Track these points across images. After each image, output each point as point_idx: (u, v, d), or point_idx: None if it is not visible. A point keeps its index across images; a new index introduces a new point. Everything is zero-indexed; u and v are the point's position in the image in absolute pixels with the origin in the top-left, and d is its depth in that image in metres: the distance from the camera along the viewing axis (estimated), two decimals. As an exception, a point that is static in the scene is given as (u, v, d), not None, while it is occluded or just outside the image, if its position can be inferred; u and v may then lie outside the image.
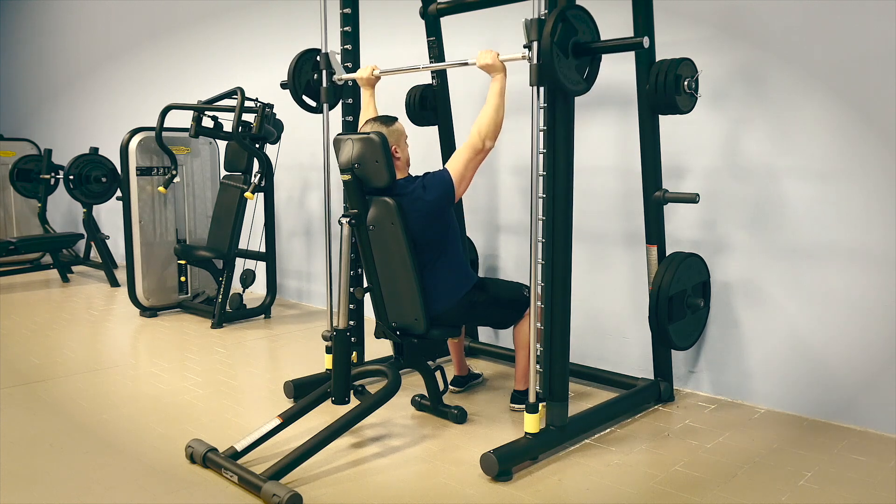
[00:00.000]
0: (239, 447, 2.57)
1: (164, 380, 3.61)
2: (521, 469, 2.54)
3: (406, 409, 3.14)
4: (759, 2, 3.03)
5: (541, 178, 2.57)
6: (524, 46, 2.48)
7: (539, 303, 2.62)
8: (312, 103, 3.42)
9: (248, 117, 4.75)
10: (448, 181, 2.78)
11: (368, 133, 2.76)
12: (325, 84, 3.24)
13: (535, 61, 2.45)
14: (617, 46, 2.55)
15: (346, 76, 3.24)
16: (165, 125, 4.80)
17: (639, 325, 3.48)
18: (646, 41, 2.49)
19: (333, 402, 2.76)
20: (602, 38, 2.57)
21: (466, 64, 2.81)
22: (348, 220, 2.82)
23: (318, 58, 3.30)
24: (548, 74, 2.43)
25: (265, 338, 4.51)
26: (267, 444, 2.64)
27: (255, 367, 3.92)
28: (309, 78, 3.38)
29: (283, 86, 3.40)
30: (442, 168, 2.84)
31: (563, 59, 2.46)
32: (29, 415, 3.13)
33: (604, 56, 2.64)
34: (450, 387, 3.35)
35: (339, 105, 3.38)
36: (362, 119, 3.16)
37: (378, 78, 3.14)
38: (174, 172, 5.00)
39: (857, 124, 2.84)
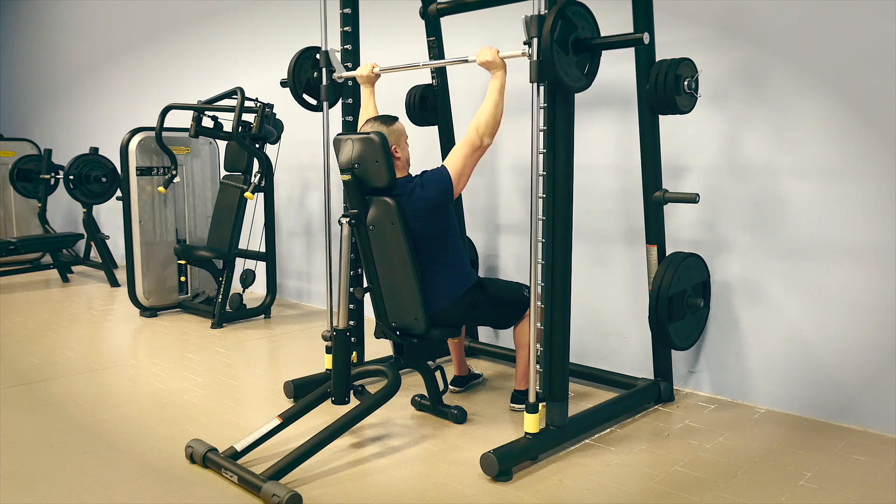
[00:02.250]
0: (239, 447, 2.57)
1: (164, 380, 3.61)
2: (521, 469, 2.54)
3: (406, 409, 3.14)
4: (758, 2, 3.03)
5: (541, 178, 2.57)
6: (524, 43, 2.48)
7: (539, 303, 2.62)
8: (312, 101, 3.42)
9: (248, 117, 4.75)
10: (446, 178, 2.78)
11: (368, 133, 2.76)
12: (325, 82, 3.24)
13: (535, 58, 2.45)
14: (617, 43, 2.56)
15: (346, 74, 3.24)
16: (165, 125, 4.80)
17: (639, 325, 3.48)
18: (646, 37, 2.50)
19: (333, 402, 2.76)
20: (601, 34, 2.58)
21: (467, 61, 2.81)
22: (348, 220, 2.82)
23: (317, 55, 3.30)
24: (548, 71, 2.43)
25: (265, 338, 4.51)
26: (267, 444, 2.64)
27: (255, 367, 3.92)
28: (309, 76, 3.38)
29: (283, 84, 3.40)
30: (440, 165, 2.84)
31: (563, 55, 2.46)
32: (29, 415, 3.13)
33: (604, 56, 2.64)
34: (450, 387, 3.35)
35: (339, 104, 3.38)
36: (362, 117, 3.16)
37: (378, 76, 3.14)
38: (174, 172, 5.00)
39: (857, 124, 2.84)
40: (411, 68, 3.18)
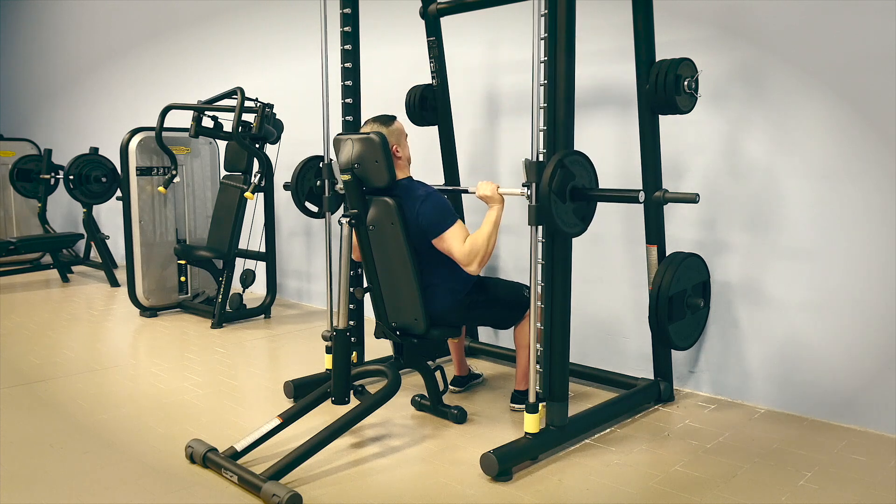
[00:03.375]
0: (239, 447, 2.57)
1: (164, 380, 3.61)
2: (521, 469, 2.54)
3: (406, 409, 3.14)
4: (758, 2, 3.03)
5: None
6: (523, 185, 2.52)
7: (539, 303, 2.62)
8: (314, 209, 3.56)
9: (248, 117, 4.75)
10: (446, 222, 2.77)
11: (368, 133, 2.76)
12: (327, 193, 3.27)
13: (533, 202, 2.49)
14: (613, 197, 2.68)
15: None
16: (165, 125, 4.80)
17: (639, 325, 3.48)
18: (641, 195, 2.54)
19: (333, 402, 2.76)
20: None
21: (466, 192, 2.92)
22: (348, 220, 2.83)
23: (321, 165, 3.38)
24: (545, 216, 2.48)
25: (265, 338, 4.51)
26: (267, 444, 2.64)
27: (255, 367, 3.92)
28: (311, 185, 3.53)
29: (286, 187, 3.56)
30: (454, 216, 2.80)
31: (561, 203, 2.50)
32: (29, 415, 3.13)
33: (603, 56, 2.64)
34: (450, 387, 3.35)
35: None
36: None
37: None
38: (174, 172, 5.00)
39: (857, 124, 2.84)
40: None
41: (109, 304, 5.57)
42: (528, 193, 2.50)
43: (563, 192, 2.50)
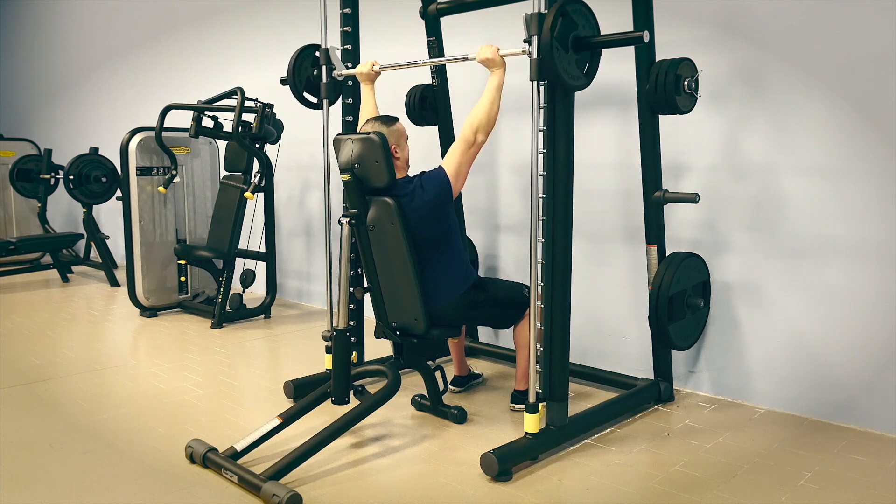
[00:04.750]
0: (239, 447, 2.57)
1: (164, 380, 3.61)
2: (521, 469, 2.54)
3: (406, 409, 3.14)
4: (758, 2, 3.03)
5: (541, 178, 2.57)
6: (524, 41, 2.48)
7: (539, 303, 2.62)
8: (313, 99, 3.43)
9: (248, 117, 4.75)
10: (444, 178, 2.78)
11: (368, 133, 2.76)
12: (325, 80, 3.24)
13: (535, 56, 2.45)
14: (617, 41, 2.56)
15: (346, 72, 3.24)
16: (165, 125, 4.80)
17: (639, 325, 3.48)
18: (646, 35, 2.49)
19: (333, 402, 2.76)
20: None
21: (467, 58, 2.80)
22: (348, 220, 2.82)
23: (317, 53, 3.31)
24: (548, 69, 2.43)
25: (265, 338, 4.51)
26: (267, 444, 2.64)
27: (255, 367, 3.92)
28: (309, 74, 3.39)
29: (283, 81, 3.41)
30: (438, 167, 2.84)
31: (563, 53, 2.46)
32: (29, 415, 3.13)
33: (603, 56, 2.64)
34: (450, 387, 3.35)
35: (339, 102, 3.38)
36: (362, 115, 3.16)
37: (378, 73, 3.14)
38: (174, 172, 5.00)
39: (857, 124, 2.84)
40: (412, 66, 3.18)
41: (109, 304, 5.57)
42: (530, 50, 2.47)
43: (565, 42, 2.46)
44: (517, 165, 4.01)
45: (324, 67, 3.24)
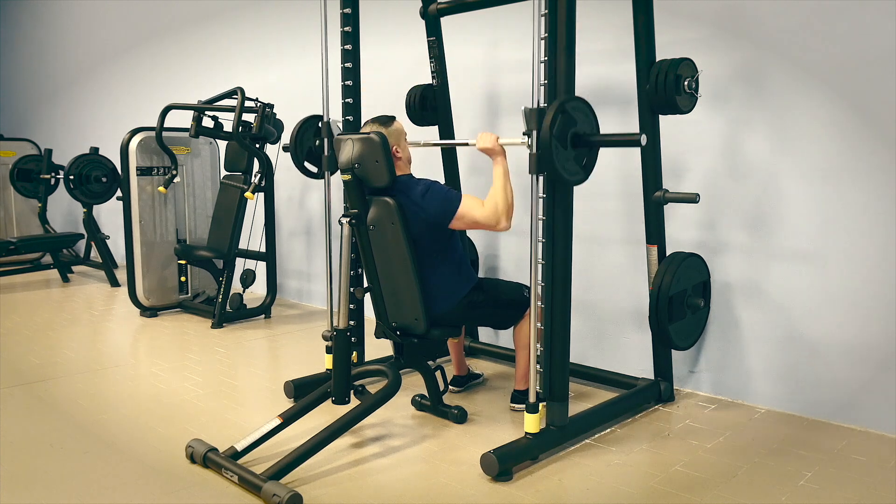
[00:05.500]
0: (239, 447, 2.57)
1: (164, 380, 3.61)
2: (521, 469, 2.54)
3: (406, 409, 3.14)
4: (758, 2, 3.03)
5: (541, 178, 2.57)
6: (524, 133, 2.50)
7: (539, 303, 2.62)
8: (313, 169, 3.51)
9: (249, 117, 4.75)
10: (453, 204, 2.76)
11: (368, 133, 2.76)
12: (326, 152, 3.26)
13: (534, 151, 2.47)
14: (616, 142, 2.62)
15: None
16: (165, 125, 4.80)
17: (639, 325, 3.48)
18: (643, 138, 2.50)
19: (333, 402, 2.76)
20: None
21: (467, 144, 2.87)
22: (348, 219, 2.83)
23: (319, 125, 3.35)
24: (546, 164, 2.46)
25: (265, 338, 4.51)
26: (267, 444, 2.64)
27: (255, 367, 3.92)
28: (311, 144, 3.48)
29: (286, 149, 3.49)
30: (458, 192, 2.80)
31: (562, 150, 2.48)
32: (29, 415, 3.13)
33: (603, 55, 2.64)
34: (450, 387, 3.35)
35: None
36: None
37: None
38: (174, 172, 5.00)
39: (856, 124, 2.84)
40: (418, 145, 3.22)
41: (109, 304, 5.57)
42: (529, 142, 2.48)
43: (564, 138, 2.47)
44: (517, 166, 4.00)
45: (325, 140, 3.26)
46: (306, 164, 3.49)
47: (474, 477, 2.48)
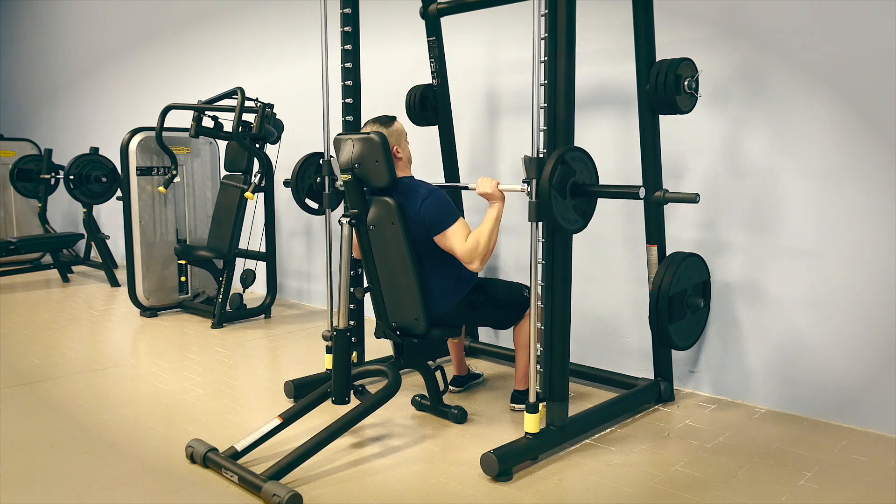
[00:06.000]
0: (239, 447, 2.57)
1: (164, 380, 3.61)
2: (521, 469, 2.54)
3: (406, 409, 3.14)
4: (758, 2, 3.03)
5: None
6: (523, 181, 2.50)
7: (539, 303, 2.62)
8: (314, 205, 3.54)
9: (249, 117, 4.75)
10: (449, 219, 2.76)
11: (369, 133, 2.76)
12: (327, 190, 3.27)
13: (533, 199, 2.48)
14: (614, 193, 2.63)
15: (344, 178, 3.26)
16: (165, 125, 4.80)
17: (639, 325, 3.48)
18: (642, 191, 2.51)
19: (333, 402, 2.76)
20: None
21: (467, 188, 2.88)
22: (348, 219, 2.83)
23: (321, 162, 3.37)
24: (545, 213, 2.47)
25: (265, 338, 4.51)
26: (267, 444, 2.64)
27: (255, 367, 3.92)
28: (312, 182, 3.51)
29: (286, 184, 3.51)
30: (456, 215, 2.80)
31: (561, 200, 2.49)
32: (29, 415, 3.13)
33: (603, 55, 2.64)
34: (450, 387, 3.35)
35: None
36: None
37: None
38: (174, 172, 5.00)
39: (856, 124, 2.84)
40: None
41: (110, 304, 5.57)
42: (529, 190, 2.50)
43: (563, 189, 2.49)
44: (517, 166, 4.00)
45: (326, 178, 3.27)
46: (307, 201, 3.54)
47: (474, 477, 2.48)
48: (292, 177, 3.48)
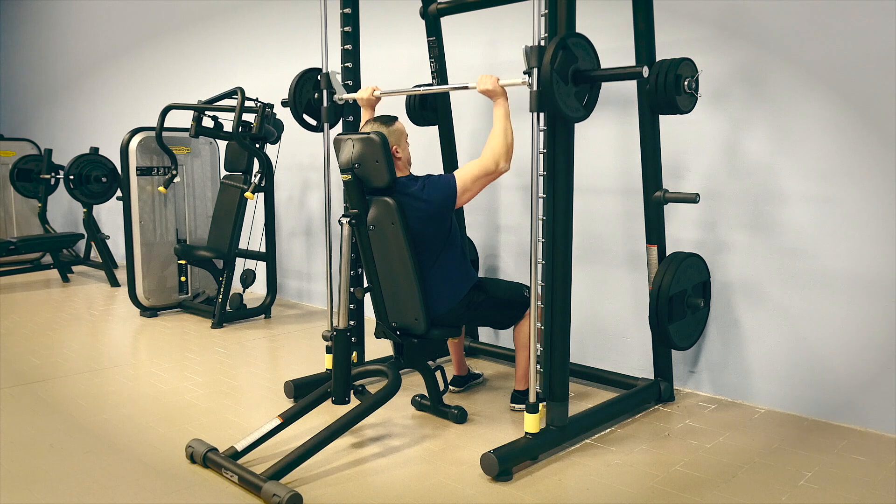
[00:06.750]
0: (239, 447, 2.57)
1: (164, 380, 3.61)
2: (521, 469, 2.54)
3: (406, 409, 3.14)
4: (759, 2, 3.03)
5: (541, 178, 2.57)
6: (524, 73, 2.49)
7: (539, 303, 2.62)
8: (312, 122, 3.46)
9: (248, 117, 4.75)
10: (451, 187, 2.78)
11: (369, 133, 2.76)
12: (325, 104, 3.25)
13: (534, 88, 2.46)
14: (617, 75, 2.58)
15: (346, 96, 3.25)
16: (165, 125, 4.81)
17: (639, 325, 3.48)
18: (645, 70, 2.49)
19: (333, 402, 2.76)
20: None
21: (467, 87, 2.82)
22: (348, 219, 2.82)
23: (318, 77, 3.32)
24: (547, 101, 2.44)
25: (265, 338, 4.51)
26: (267, 444, 2.64)
27: (255, 367, 3.92)
28: (310, 97, 3.42)
29: (284, 104, 3.44)
30: (449, 174, 2.83)
31: (563, 86, 2.47)
32: (29, 415, 3.13)
33: (604, 56, 2.64)
34: (450, 387, 3.35)
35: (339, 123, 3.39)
36: None
37: (378, 99, 3.14)
38: (174, 172, 5.00)
39: (857, 124, 2.84)
40: (413, 91, 3.26)
41: (109, 304, 5.57)
42: (530, 81, 2.48)
43: (565, 74, 2.46)
44: (517, 165, 3.99)
45: (324, 92, 3.25)
46: (305, 116, 3.44)
47: (474, 477, 2.48)
48: (289, 93, 3.38)
